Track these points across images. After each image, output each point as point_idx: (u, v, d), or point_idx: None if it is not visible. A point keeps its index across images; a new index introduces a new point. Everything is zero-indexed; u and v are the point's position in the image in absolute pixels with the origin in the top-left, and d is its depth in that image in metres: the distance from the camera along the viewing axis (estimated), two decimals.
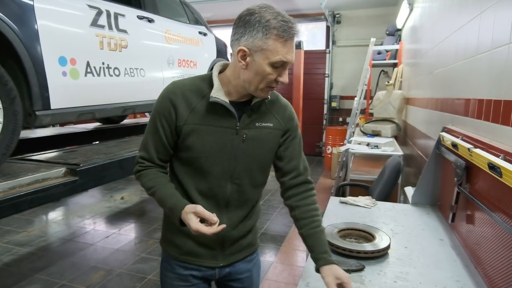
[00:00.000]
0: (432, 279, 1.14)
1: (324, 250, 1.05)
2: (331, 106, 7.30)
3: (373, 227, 1.47)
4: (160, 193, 1.01)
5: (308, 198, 1.12)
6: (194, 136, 1.01)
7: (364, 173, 3.18)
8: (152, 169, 1.05)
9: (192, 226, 0.92)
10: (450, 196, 1.56)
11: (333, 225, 1.49)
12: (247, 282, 1.20)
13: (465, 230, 1.36)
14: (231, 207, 1.08)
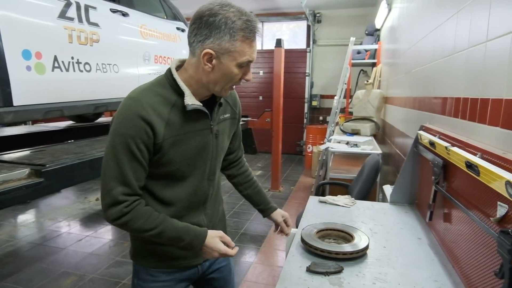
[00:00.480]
0: (410, 280, 1.13)
1: (269, 201, 1.38)
2: (311, 105, 7.34)
3: (352, 227, 1.45)
4: (171, 231, 0.98)
5: (245, 166, 1.37)
6: (174, 148, 0.97)
7: (344, 171, 3.19)
8: (140, 207, 0.95)
9: (222, 249, 1.03)
10: (428, 195, 1.56)
11: (312, 226, 1.45)
12: (225, 271, 1.29)
13: (442, 229, 1.36)
14: (208, 204, 1.13)
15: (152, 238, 0.98)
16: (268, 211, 1.35)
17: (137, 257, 1.12)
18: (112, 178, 0.91)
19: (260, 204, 1.35)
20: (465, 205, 1.11)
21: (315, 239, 1.33)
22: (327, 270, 1.16)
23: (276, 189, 4.92)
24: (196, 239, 1.01)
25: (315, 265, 1.18)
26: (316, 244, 1.28)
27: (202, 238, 1.02)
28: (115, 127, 0.92)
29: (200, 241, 1.02)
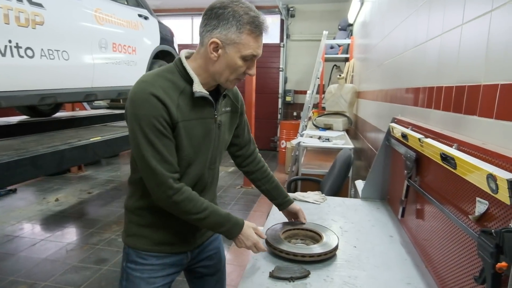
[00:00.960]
0: (382, 283, 1.03)
1: (286, 194, 1.37)
2: (285, 100, 7.26)
3: (321, 226, 1.35)
4: (215, 217, 1.04)
5: (262, 161, 1.36)
6: (183, 134, 1.00)
7: (316, 167, 3.11)
8: (189, 189, 1.02)
9: (255, 239, 1.10)
10: (400, 190, 1.48)
11: (277, 225, 1.34)
12: (216, 258, 1.31)
13: (414, 226, 1.28)
14: (205, 192, 1.13)
15: (195, 222, 1.03)
16: (285, 204, 1.35)
17: (129, 239, 1.12)
18: (151, 159, 0.95)
19: (277, 198, 1.35)
20: (439, 201, 1.03)
21: (280, 240, 1.21)
22: (291, 275, 1.04)
23: (249, 186, 4.81)
24: (234, 227, 1.07)
25: (279, 270, 1.06)
26: (281, 245, 1.16)
27: (240, 226, 1.08)
28: (133, 111, 0.95)
29: (238, 229, 1.08)
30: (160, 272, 1.12)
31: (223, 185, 4.90)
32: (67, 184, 4.81)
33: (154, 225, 1.10)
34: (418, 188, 1.20)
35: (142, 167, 0.98)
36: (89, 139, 2.17)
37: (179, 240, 1.13)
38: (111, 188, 4.71)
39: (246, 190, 4.73)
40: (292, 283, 1.02)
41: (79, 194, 4.41)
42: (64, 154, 1.87)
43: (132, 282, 1.11)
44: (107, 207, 3.97)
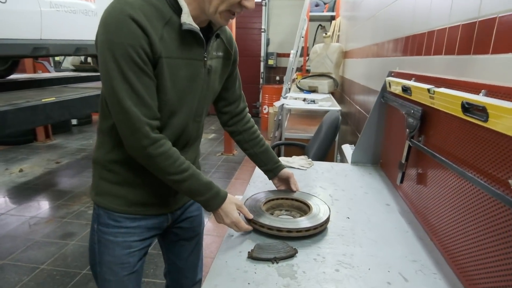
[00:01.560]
0: (382, 262, 0.86)
1: (276, 159, 1.20)
2: (267, 64, 6.93)
3: (308, 194, 1.16)
4: (194, 182, 0.89)
5: (251, 122, 1.19)
6: (166, 73, 0.84)
7: (300, 131, 2.91)
8: (170, 144, 0.87)
9: (235, 218, 0.93)
10: (396, 153, 1.30)
11: (258, 194, 1.14)
12: (197, 221, 1.19)
13: (416, 193, 1.11)
14: (187, 147, 1.00)
15: (171, 183, 0.89)
16: (276, 170, 1.19)
17: (99, 199, 0.97)
18: (125, 99, 0.79)
19: (267, 163, 1.19)
20: (456, 163, 0.84)
21: (261, 212, 1.01)
22: (275, 255, 0.85)
23: (230, 153, 4.61)
24: (214, 199, 0.93)
25: (259, 250, 0.87)
26: (262, 219, 0.97)
27: (221, 199, 0.94)
28: (106, 37, 0.76)
29: (218, 202, 0.93)
30: (136, 235, 0.98)
31: (203, 153, 4.67)
32: (33, 154, 4.46)
33: (130, 183, 0.95)
34: (425, 149, 1.01)
35: (114, 109, 0.81)
36: (40, 100, 1.86)
37: (159, 201, 1.00)
38: (82, 157, 4.40)
39: (227, 157, 4.53)
40: (275, 264, 0.84)
41: (46, 164, 4.09)
42: (6, 116, 1.57)
43: (105, 246, 0.97)
44: (77, 178, 3.70)
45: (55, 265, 2.15)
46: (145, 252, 1.05)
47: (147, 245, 1.04)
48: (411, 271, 0.83)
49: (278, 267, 0.83)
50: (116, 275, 0.99)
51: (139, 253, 1.01)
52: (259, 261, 0.85)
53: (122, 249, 0.98)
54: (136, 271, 1.02)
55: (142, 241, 1.01)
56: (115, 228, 0.96)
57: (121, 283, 1.00)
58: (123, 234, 0.97)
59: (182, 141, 0.97)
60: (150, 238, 1.04)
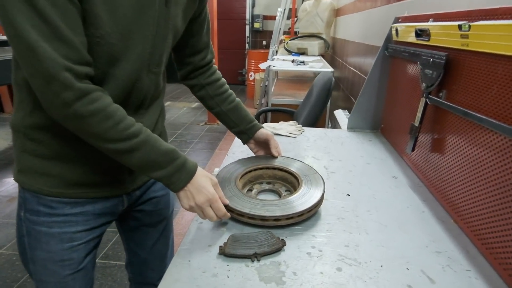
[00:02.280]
0: (398, 254, 0.65)
1: (251, 118, 0.97)
2: (253, 27, 6.50)
3: (293, 160, 0.94)
4: (148, 152, 0.64)
5: (217, 74, 0.96)
6: None
7: (288, 97, 2.66)
8: (108, 98, 0.62)
9: (211, 196, 0.68)
10: (405, 116, 1.07)
11: (234, 164, 0.90)
12: (163, 203, 0.94)
13: (432, 163, 0.89)
14: (143, 109, 0.76)
15: (116, 155, 0.64)
16: (251, 131, 0.96)
17: (23, 177, 0.72)
18: (30, 31, 0.52)
19: (239, 123, 0.95)
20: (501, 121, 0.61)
21: (237, 192, 0.78)
22: (256, 251, 0.63)
23: (214, 122, 4.34)
24: (180, 173, 0.68)
25: (235, 243, 0.65)
26: (241, 203, 0.73)
27: (189, 172, 0.68)
28: None
29: (184, 177, 0.68)
30: (80, 225, 0.75)
31: (185, 122, 4.39)
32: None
33: (63, 156, 0.70)
34: (452, 107, 0.78)
35: (14, 46, 0.55)
36: None
37: (108, 179, 0.76)
38: None
39: (211, 126, 4.27)
40: (256, 263, 0.62)
41: None
42: None
43: (37, 240, 0.74)
44: None
45: (15, 249, 1.92)
46: (96, 244, 0.82)
47: (97, 235, 0.81)
48: (436, 268, 0.62)
49: (260, 267, 0.61)
50: (55, 275, 0.77)
51: (85, 246, 0.78)
52: (234, 259, 0.63)
53: (60, 242, 0.74)
54: (83, 268, 0.79)
55: (89, 231, 0.77)
56: (48, 217, 0.73)
57: (63, 284, 0.78)
58: (60, 224, 0.73)
59: (134, 100, 0.71)
60: (101, 227, 0.81)
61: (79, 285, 0.80)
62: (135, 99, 0.72)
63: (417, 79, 0.99)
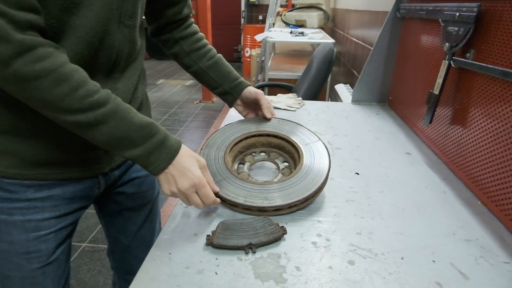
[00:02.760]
0: (421, 244, 0.54)
1: (235, 77, 0.83)
2: (249, 1, 6.22)
3: (289, 123, 0.81)
4: (117, 125, 0.51)
5: (194, 27, 0.83)
6: None
7: (286, 71, 2.51)
8: (63, 56, 0.49)
9: (197, 180, 0.55)
10: (418, 84, 0.94)
11: (218, 134, 0.76)
12: (147, 184, 0.83)
13: (453, 137, 0.78)
14: (118, 72, 0.62)
15: (77, 130, 0.51)
16: (236, 89, 0.83)
17: None
18: None
19: (222, 82, 0.82)
20: None
21: (227, 173, 0.66)
22: (250, 241, 0.52)
23: (208, 100, 4.19)
24: (159, 151, 0.55)
25: (226, 231, 0.54)
26: (233, 189, 0.62)
27: (170, 150, 0.55)
28: None
29: (165, 156, 0.55)
30: (47, 211, 0.64)
31: (178, 100, 4.23)
32: None
33: (21, 129, 0.57)
34: (487, 67, 0.65)
35: None
36: None
37: (79, 157, 0.64)
38: None
39: (206, 104, 4.12)
40: (251, 256, 0.51)
41: None
42: None
43: None
44: None
45: None
46: (69, 232, 0.71)
47: (70, 223, 0.69)
48: (468, 260, 0.51)
49: (255, 261, 0.50)
50: (20, 269, 0.66)
51: (56, 236, 0.67)
52: (224, 251, 0.52)
53: (23, 232, 0.63)
54: (55, 261, 0.68)
55: (59, 218, 0.66)
56: (8, 202, 0.61)
57: (31, 280, 0.67)
58: (22, 211, 0.62)
59: (104, 60, 0.58)
60: (74, 213, 0.69)
61: (50, 280, 0.69)
62: (105, 60, 0.58)
63: (436, 40, 0.86)
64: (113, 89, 0.62)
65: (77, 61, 0.52)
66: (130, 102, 0.67)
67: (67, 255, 0.73)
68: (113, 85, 0.61)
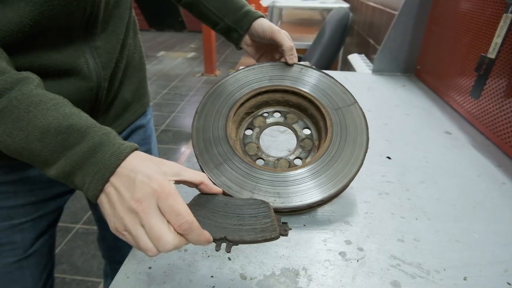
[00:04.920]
0: (486, 254, 0.41)
1: (242, 4, 0.60)
2: None
3: (314, 70, 0.59)
4: (23, 116, 0.32)
5: None
6: None
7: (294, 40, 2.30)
8: None
9: (158, 180, 0.31)
10: (463, 49, 0.77)
11: (221, 88, 0.57)
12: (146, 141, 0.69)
13: (510, 113, 0.62)
14: (96, 26, 0.45)
15: None
16: (243, 22, 0.59)
17: None
18: None
19: (223, 15, 0.60)
20: None
21: (227, 147, 0.50)
22: (225, 235, 0.34)
23: (211, 73, 3.99)
24: (85, 168, 0.32)
25: (199, 211, 0.34)
26: (228, 177, 0.46)
27: (111, 161, 0.31)
28: None
29: (99, 173, 0.31)
30: (20, 197, 0.52)
31: (179, 73, 4.04)
32: None
33: None
34: None
35: None
36: None
37: None
38: None
39: (208, 78, 3.93)
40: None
41: None
42: None
43: None
44: None
45: None
46: (53, 221, 0.59)
47: (51, 211, 0.57)
48: None
49: (264, 281, 0.37)
50: None
51: (34, 225, 0.55)
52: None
53: None
54: (34, 253, 0.57)
55: (36, 205, 0.54)
56: None
57: (6, 275, 0.56)
58: None
59: (73, 11, 0.40)
60: (56, 199, 0.57)
61: (29, 275, 0.58)
62: (76, 10, 0.40)
63: None
64: (93, 49, 0.46)
65: (36, 17, 0.36)
66: (117, 63, 0.52)
67: (50, 247, 0.61)
68: (91, 44, 0.46)
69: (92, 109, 0.50)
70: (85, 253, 1.45)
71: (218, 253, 0.40)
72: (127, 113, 0.62)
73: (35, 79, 0.35)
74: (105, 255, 0.85)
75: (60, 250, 1.45)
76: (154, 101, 3.21)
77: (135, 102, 0.63)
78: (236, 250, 0.40)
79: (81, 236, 1.53)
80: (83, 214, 1.66)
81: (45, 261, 0.60)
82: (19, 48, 0.38)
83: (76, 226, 1.59)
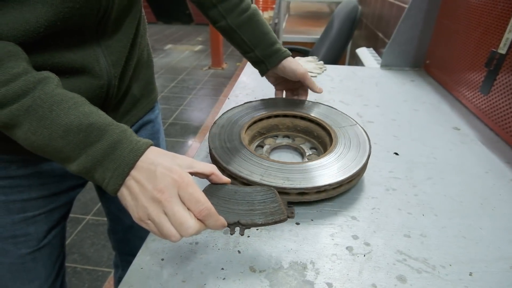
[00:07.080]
0: (492, 250, 0.42)
1: (273, 41, 0.65)
2: None
3: (322, 106, 0.66)
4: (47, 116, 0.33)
5: None
6: None
7: (302, 34, 2.29)
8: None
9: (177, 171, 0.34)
10: (473, 43, 0.77)
11: (238, 110, 0.64)
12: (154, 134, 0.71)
13: None
14: (109, 25, 0.45)
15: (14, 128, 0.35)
16: (272, 58, 0.65)
17: None
18: None
19: (256, 44, 0.65)
20: None
21: (238, 144, 0.52)
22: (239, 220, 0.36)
23: (218, 67, 3.99)
24: (105, 164, 0.34)
25: (211, 199, 0.36)
26: (239, 165, 0.48)
27: (130, 158, 0.34)
28: None
29: (119, 169, 0.34)
30: (33, 190, 0.53)
31: (187, 67, 4.05)
32: None
33: None
34: None
35: None
36: None
37: None
38: None
39: (215, 71, 3.93)
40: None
41: None
42: None
43: None
44: None
45: None
46: (64, 213, 0.61)
47: (63, 203, 0.59)
48: None
49: (273, 274, 0.38)
50: (7, 255, 0.57)
51: (47, 218, 0.57)
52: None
53: (7, 213, 0.54)
54: (47, 245, 0.59)
55: (49, 198, 0.56)
56: None
57: (20, 266, 0.58)
58: (4, 190, 0.52)
59: (86, 11, 0.41)
60: (68, 192, 0.59)
61: (42, 266, 0.60)
62: (88, 11, 0.41)
63: None
64: (104, 48, 0.47)
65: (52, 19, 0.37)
66: (127, 61, 0.53)
67: (62, 240, 0.64)
68: (103, 43, 0.47)
69: (102, 106, 0.51)
70: (96, 244, 1.48)
71: (228, 246, 0.41)
72: (135, 109, 0.63)
73: (55, 78, 0.36)
74: (116, 246, 0.87)
75: (71, 240, 1.48)
76: (161, 95, 3.23)
77: (143, 98, 0.64)
78: (245, 244, 0.41)
79: (91, 227, 1.57)
80: (93, 206, 1.70)
81: (57, 252, 0.63)
82: (33, 48, 0.39)
83: (87, 217, 1.62)
